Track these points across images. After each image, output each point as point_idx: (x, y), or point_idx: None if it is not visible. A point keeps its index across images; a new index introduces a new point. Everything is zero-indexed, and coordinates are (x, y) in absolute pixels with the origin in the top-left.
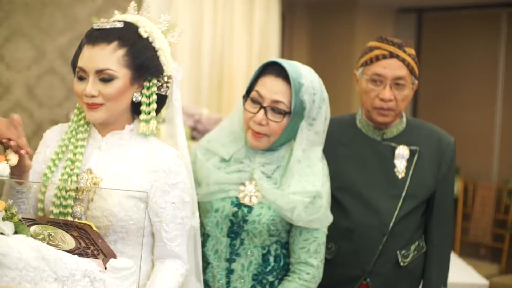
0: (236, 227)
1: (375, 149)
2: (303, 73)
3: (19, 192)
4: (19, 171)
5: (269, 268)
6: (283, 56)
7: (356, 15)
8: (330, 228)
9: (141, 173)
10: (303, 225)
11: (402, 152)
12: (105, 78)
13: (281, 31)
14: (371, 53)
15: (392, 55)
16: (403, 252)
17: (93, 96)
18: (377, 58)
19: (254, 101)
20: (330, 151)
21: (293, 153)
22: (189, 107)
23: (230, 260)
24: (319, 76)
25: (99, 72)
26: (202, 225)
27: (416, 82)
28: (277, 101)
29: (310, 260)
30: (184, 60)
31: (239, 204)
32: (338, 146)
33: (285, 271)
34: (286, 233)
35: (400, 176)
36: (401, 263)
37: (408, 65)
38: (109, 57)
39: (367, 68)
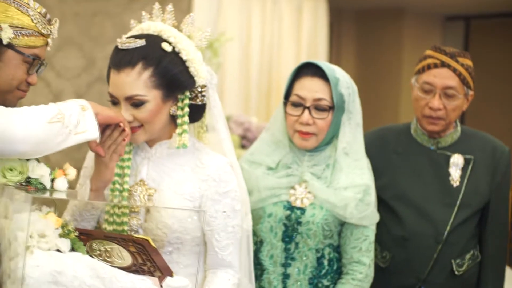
0: (290, 230)
1: (429, 157)
2: (335, 69)
3: (87, 210)
4: (103, 183)
5: (323, 271)
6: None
7: (404, 23)
8: (385, 236)
9: (192, 182)
10: (355, 222)
11: (457, 160)
12: (136, 103)
13: (329, 39)
14: (424, 61)
15: (443, 65)
16: (457, 261)
17: (130, 121)
18: (429, 67)
19: (296, 104)
20: (385, 160)
21: (338, 146)
22: (239, 115)
23: (285, 265)
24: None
25: (128, 98)
26: (255, 232)
27: (471, 92)
28: (319, 99)
29: (363, 259)
30: (233, 69)
31: (291, 208)
32: (393, 155)
33: (338, 275)
34: (337, 236)
35: (454, 185)
36: (456, 272)
37: (459, 75)
38: (136, 82)
39: (419, 77)
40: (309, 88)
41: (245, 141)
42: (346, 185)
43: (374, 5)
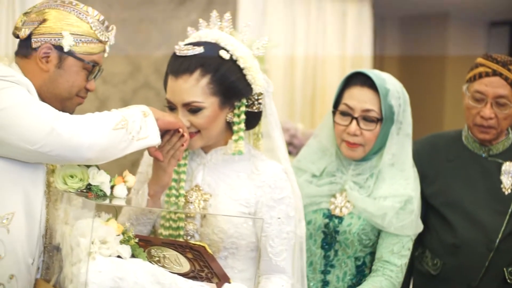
0: (329, 238)
1: (481, 165)
2: (386, 79)
3: (144, 214)
4: (161, 187)
5: (363, 279)
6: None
7: (448, 28)
8: (436, 243)
9: (248, 189)
10: (394, 231)
11: (508, 168)
12: (193, 109)
13: (373, 45)
14: (475, 70)
15: (495, 73)
16: (510, 269)
17: (187, 127)
18: (480, 76)
19: (344, 114)
20: (437, 167)
21: (383, 157)
22: (285, 122)
23: (325, 272)
24: (410, 91)
25: (185, 105)
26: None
27: None
28: (367, 110)
29: (394, 260)
30: (277, 75)
31: (330, 216)
32: (445, 162)
33: None
34: (377, 245)
35: (506, 192)
36: (508, 280)
37: (511, 84)
38: (193, 89)
39: (470, 85)
40: (358, 98)
41: (291, 147)
42: (387, 194)
43: (418, 11)
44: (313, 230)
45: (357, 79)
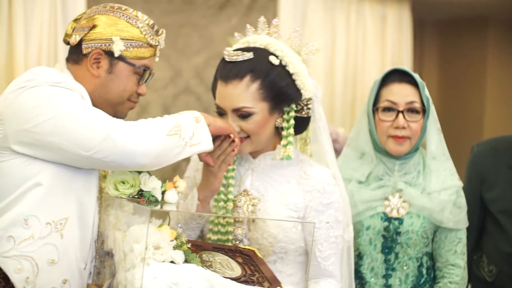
0: (390, 241)
1: None
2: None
3: (193, 219)
4: (211, 192)
5: (422, 280)
6: None
7: (488, 32)
8: (491, 250)
9: (296, 193)
10: (452, 226)
11: None
12: (243, 114)
13: (413, 49)
14: None
15: None
16: None
17: (238, 132)
18: None
19: (388, 110)
20: (498, 173)
21: (427, 150)
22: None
23: (386, 276)
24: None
25: (235, 110)
26: (354, 245)
27: None
28: (411, 102)
29: (458, 262)
30: (317, 80)
31: (388, 219)
32: (505, 168)
33: (433, 282)
34: (431, 243)
35: None
36: None
37: None
38: (244, 94)
39: None
40: (400, 92)
41: None
42: (439, 188)
43: (457, 14)
44: (373, 235)
45: (393, 76)
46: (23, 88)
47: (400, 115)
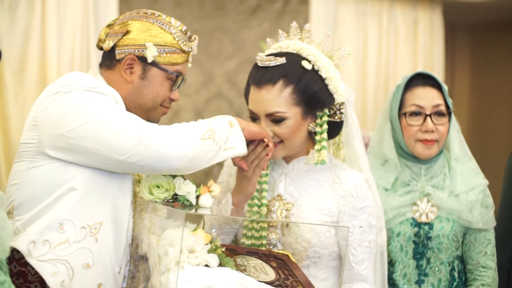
0: (421, 247)
1: None
2: None
3: (227, 223)
4: (245, 197)
5: (455, 284)
6: (445, 79)
7: None
8: None
9: (330, 198)
10: (482, 226)
11: None
12: (276, 119)
13: (445, 53)
14: None
15: None
16: None
17: (271, 137)
18: None
19: (415, 114)
20: None
21: (451, 152)
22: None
23: (419, 282)
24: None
25: (269, 115)
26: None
27: None
28: (437, 105)
29: (489, 263)
30: (349, 84)
31: (418, 224)
32: None
33: (466, 286)
34: (461, 246)
35: None
36: None
37: None
38: (277, 99)
39: None
40: (425, 96)
41: None
42: (466, 189)
43: (489, 18)
44: (404, 241)
45: (417, 80)
46: (58, 94)
47: (428, 119)
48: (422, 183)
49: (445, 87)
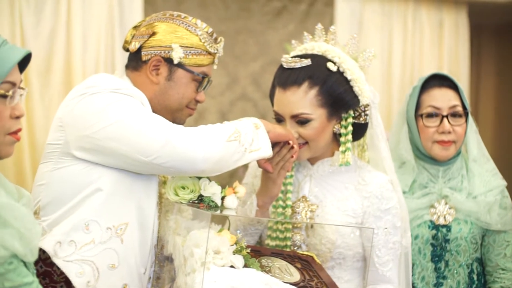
0: (439, 249)
1: None
2: None
3: (252, 225)
4: (270, 198)
5: (474, 286)
6: (471, 82)
7: None
8: None
9: (355, 199)
10: (501, 227)
11: None
12: (302, 121)
13: (470, 55)
14: None
15: None
16: None
17: (296, 138)
18: None
19: (432, 115)
20: None
21: (469, 153)
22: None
23: (437, 285)
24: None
25: (294, 116)
26: None
27: None
28: (454, 106)
29: (508, 265)
30: (374, 86)
31: (435, 226)
32: None
33: None
34: (480, 248)
35: None
36: None
37: None
38: (302, 101)
39: None
40: (442, 97)
41: None
42: (484, 190)
43: None
44: (421, 244)
45: (433, 81)
46: (84, 95)
47: (445, 120)
48: (440, 185)
49: (461, 89)
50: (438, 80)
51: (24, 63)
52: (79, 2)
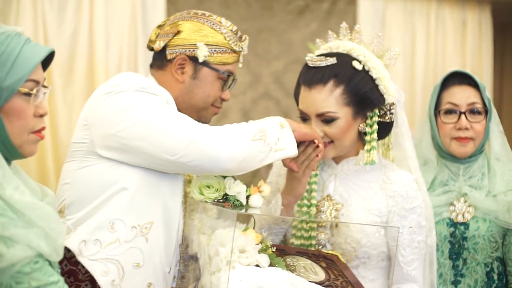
0: (457, 247)
1: None
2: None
3: (277, 224)
4: (295, 198)
5: (493, 286)
6: (494, 81)
7: None
8: None
9: (379, 198)
10: None
11: None
12: (327, 119)
13: (493, 54)
14: None
15: None
16: None
17: (321, 137)
18: None
19: (450, 112)
20: None
21: (491, 151)
22: None
23: (455, 282)
24: None
25: (319, 115)
26: None
27: None
28: (473, 103)
29: None
30: (397, 85)
31: (454, 224)
32: None
33: None
34: (502, 248)
35: None
36: None
37: None
38: (327, 99)
39: None
40: (461, 94)
41: None
42: (504, 189)
43: None
44: (439, 241)
45: (454, 79)
46: (109, 94)
47: (462, 116)
48: (460, 183)
49: (484, 86)
50: (458, 78)
51: (47, 61)
52: (102, 1)
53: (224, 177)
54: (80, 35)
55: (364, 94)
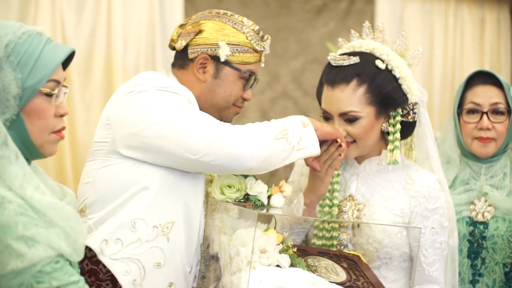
0: (476, 246)
1: None
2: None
3: (298, 224)
4: (317, 197)
5: None
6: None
7: None
8: None
9: (402, 199)
10: None
11: None
12: (350, 119)
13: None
14: None
15: None
16: None
17: (344, 136)
18: None
19: (473, 111)
20: None
21: None
22: None
23: (473, 282)
24: None
25: (342, 114)
26: None
27: None
28: (495, 103)
29: None
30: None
31: (473, 223)
32: None
33: None
34: None
35: None
36: None
37: None
38: (350, 98)
39: None
40: (484, 94)
41: None
42: None
43: None
44: (458, 240)
45: (478, 78)
46: (131, 93)
47: (484, 116)
48: (482, 182)
49: (508, 86)
50: (482, 77)
51: (67, 61)
52: (120, 1)
53: (245, 176)
54: (98, 35)
55: (387, 94)
